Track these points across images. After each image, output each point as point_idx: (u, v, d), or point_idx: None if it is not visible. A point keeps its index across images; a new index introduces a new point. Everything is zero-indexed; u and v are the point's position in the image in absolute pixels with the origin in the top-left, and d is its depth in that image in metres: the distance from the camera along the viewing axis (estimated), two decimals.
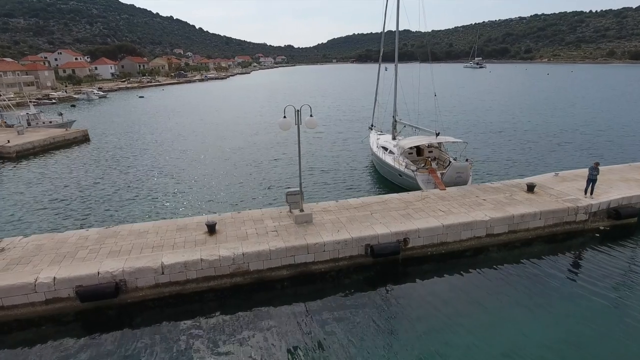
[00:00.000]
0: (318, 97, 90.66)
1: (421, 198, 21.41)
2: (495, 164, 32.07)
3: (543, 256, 18.38)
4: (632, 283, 16.16)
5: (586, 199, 20.83)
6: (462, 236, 18.54)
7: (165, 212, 23.17)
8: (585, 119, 53.42)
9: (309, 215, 18.16)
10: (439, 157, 27.40)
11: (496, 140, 41.05)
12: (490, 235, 19.01)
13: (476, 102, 74.06)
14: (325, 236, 16.77)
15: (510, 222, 19.21)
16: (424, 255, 18.05)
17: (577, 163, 31.49)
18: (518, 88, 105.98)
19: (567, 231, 20.24)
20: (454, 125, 43.68)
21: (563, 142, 39.91)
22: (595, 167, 20.95)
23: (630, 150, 37.08)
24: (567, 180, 23.90)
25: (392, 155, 27.69)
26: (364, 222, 18.26)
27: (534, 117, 55.28)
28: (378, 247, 16.93)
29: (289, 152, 37.02)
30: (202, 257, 15.13)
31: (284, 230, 17.38)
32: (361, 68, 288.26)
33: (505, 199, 21.11)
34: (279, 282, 16.04)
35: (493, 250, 18.85)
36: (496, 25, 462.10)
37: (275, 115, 61.40)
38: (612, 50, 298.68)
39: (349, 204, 20.52)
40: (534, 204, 20.31)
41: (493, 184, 23.97)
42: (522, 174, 28.29)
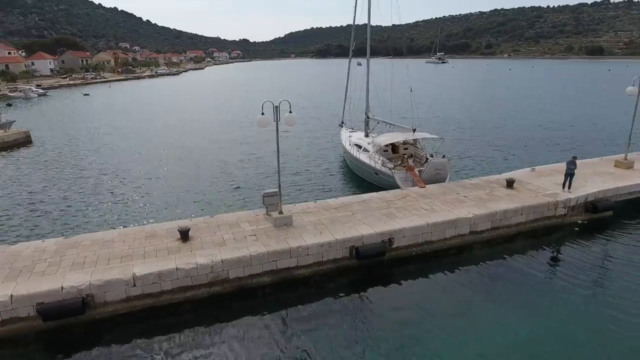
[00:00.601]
0: (279, 94, 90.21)
1: (402, 197, 21.62)
2: (471, 160, 32.90)
3: (525, 252, 18.96)
4: (610, 275, 16.91)
5: (565, 193, 21.68)
6: (446, 234, 18.86)
7: (129, 218, 22.34)
8: (553, 114, 55.86)
9: (288, 217, 17.95)
10: (415, 154, 27.80)
11: (470, 136, 42.19)
12: (474, 232, 19.43)
13: (445, 98, 75.93)
14: (308, 239, 16.62)
15: (493, 219, 19.71)
16: (408, 256, 18.22)
17: (551, 158, 32.72)
18: (484, 84, 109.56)
19: (547, 226, 20.99)
20: (426, 122, 44.48)
21: (535, 138, 41.47)
22: (572, 162, 21.84)
23: (600, 144, 39.06)
24: (544, 175, 24.79)
25: (366, 153, 27.86)
26: (346, 223, 18.24)
27: (504, 113, 57.31)
28: (363, 248, 16.94)
29: (257, 152, 36.59)
30: (177, 266, 14.64)
31: (263, 234, 17.10)
32: (322, 63, 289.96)
33: (486, 196, 21.65)
34: (260, 290, 15.76)
35: (476, 248, 19.29)
36: (457, 20, 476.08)
37: (235, 114, 60.63)
38: (569, 45, 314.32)
39: (328, 205, 20.46)
40: (515, 200, 20.93)
41: (472, 180, 24.56)
42: (499, 170, 29.19)
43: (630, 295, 15.43)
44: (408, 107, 44.22)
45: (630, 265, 17.46)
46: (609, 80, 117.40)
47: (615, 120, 51.12)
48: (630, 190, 22.92)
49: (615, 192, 22.45)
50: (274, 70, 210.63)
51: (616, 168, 25.71)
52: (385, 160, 25.95)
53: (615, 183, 23.00)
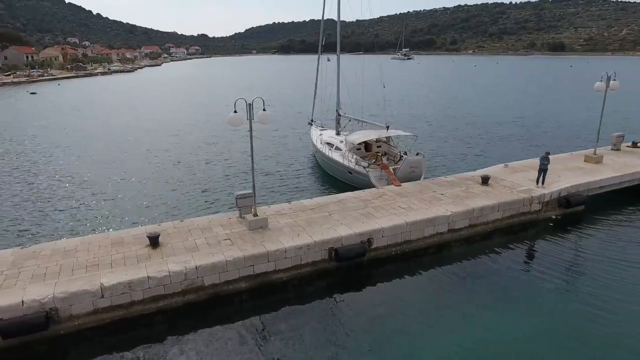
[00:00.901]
0: (243, 92, 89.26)
1: (379, 195, 21.78)
2: (444, 158, 33.59)
3: (502, 249, 19.49)
4: (586, 271, 17.50)
5: (539, 189, 22.38)
6: (425, 233, 19.13)
7: (92, 225, 21.61)
8: (521, 111, 57.75)
9: (264, 219, 17.77)
10: (388, 152, 28.09)
11: (442, 133, 43.08)
12: (452, 230, 19.80)
13: (414, 95, 77.25)
14: (286, 242, 16.50)
15: (470, 216, 20.13)
16: (387, 256, 18.37)
17: (523, 154, 33.82)
18: (451, 80, 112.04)
19: (523, 222, 21.62)
20: (397, 119, 45.21)
21: (506, 134, 42.79)
22: (545, 157, 22.57)
23: (567, 139, 40.64)
24: (517, 172, 25.52)
25: (339, 151, 27.99)
26: (324, 224, 18.22)
27: (474, 110, 58.84)
28: (342, 250, 16.96)
29: (224, 153, 36.13)
30: (148, 275, 14.23)
31: (238, 238, 16.87)
32: (285, 60, 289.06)
33: (463, 193, 22.08)
34: (236, 296, 15.54)
35: (455, 246, 19.67)
36: (421, 15, 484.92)
37: (198, 113, 59.63)
38: (532, 42, 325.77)
39: (303, 206, 20.39)
40: (491, 196, 21.44)
41: (447, 177, 25.02)
42: (473, 167, 29.84)
43: (605, 291, 16.03)
44: (379, 104, 44.76)
45: (604, 261, 18.17)
46: (571, 76, 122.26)
47: (580, 116, 53.33)
48: (601, 185, 23.87)
49: (587, 186, 23.35)
50: (235, 67, 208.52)
51: (586, 163, 26.74)
52: (359, 158, 26.10)
53: (586, 178, 23.91)
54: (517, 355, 13.03)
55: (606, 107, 26.33)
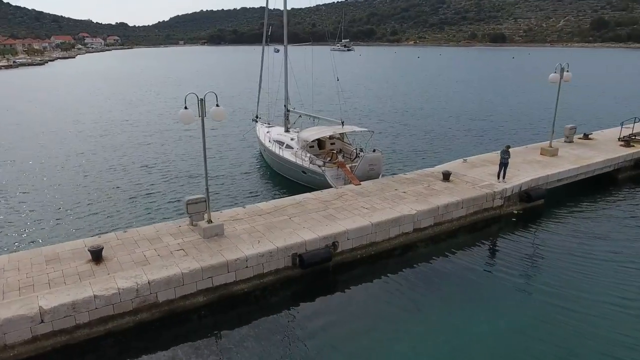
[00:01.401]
0: (172, 87, 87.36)
1: (338, 196, 21.94)
2: (400, 154, 34.51)
3: (467, 247, 20.27)
4: (549, 265, 18.43)
5: (500, 184, 23.40)
6: (390, 233, 19.50)
7: (19, 240, 20.34)
8: (473, 104, 60.45)
9: (219, 226, 17.43)
10: (343, 149, 28.34)
11: (396, 129, 44.13)
12: (418, 229, 20.31)
13: (361, 89, 78.38)
14: (246, 249, 16.26)
15: (435, 214, 20.73)
16: (353, 259, 18.61)
17: (481, 148, 35.32)
18: (397, 73, 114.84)
19: (486, 218, 22.58)
20: (346, 114, 45.42)
21: (460, 128, 44.51)
22: (506, 151, 23.63)
23: (522, 132, 42.90)
24: (476, 166, 26.56)
25: (290, 150, 28.02)
26: (285, 228, 18.12)
27: (426, 104, 60.82)
28: (307, 255, 16.95)
29: (162, 155, 35.12)
30: (95, 293, 13.53)
31: (193, 247, 16.42)
32: (217, 51, 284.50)
33: (425, 190, 22.69)
34: (194, 312, 15.14)
35: (421, 246, 20.23)
36: (360, 4, 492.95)
37: (126, 111, 57.49)
38: (473, 32, 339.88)
39: (259, 209, 20.19)
40: (454, 193, 22.18)
41: (407, 174, 25.63)
42: (431, 162, 30.83)
43: (569, 284, 17.02)
44: (333, 98, 45.20)
45: (567, 255, 19.26)
46: (515, 68, 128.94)
47: (531, 109, 56.46)
48: (559, 178, 25.33)
49: (545, 180, 24.70)
50: (161, 60, 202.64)
51: (542, 156, 28.27)
52: (314, 157, 26.19)
53: (545, 171, 25.29)
54: (490, 355, 13.58)
55: (561, 98, 27.94)
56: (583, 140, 32.23)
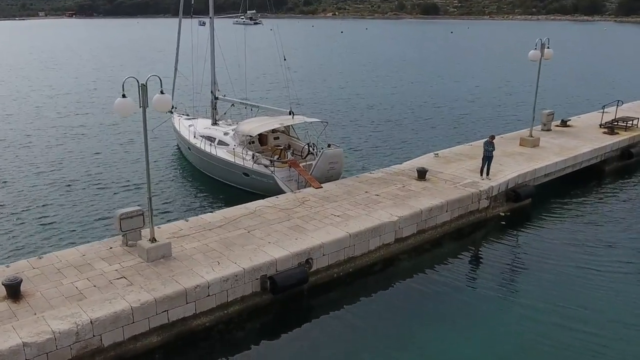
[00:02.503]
0: (42, 71, 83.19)
1: (300, 202, 22.11)
2: (359, 150, 35.44)
3: (453, 258, 21.34)
4: (542, 276, 19.70)
5: (485, 182, 24.63)
6: (370, 246, 20.04)
7: None
8: (428, 89, 62.79)
9: (166, 246, 17.05)
10: (292, 145, 28.48)
11: (348, 119, 45.12)
12: (400, 239, 21.01)
13: (290, 71, 78.69)
14: (205, 273, 16.04)
15: (418, 220, 21.53)
16: (329, 279, 19.00)
17: (450, 140, 36.92)
18: (323, 52, 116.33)
19: (472, 222, 23.80)
20: (277, 102, 45.71)
21: (423, 117, 46.27)
22: (490, 142, 24.92)
23: (492, 120, 45.39)
24: (452, 161, 27.81)
25: (225, 147, 27.94)
26: (246, 244, 18.07)
27: (377, 89, 62.38)
28: (280, 277, 17.00)
29: (58, 158, 33.62)
30: (23, 340, 12.73)
31: (136, 274, 15.92)
32: (92, 25, 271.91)
33: (401, 191, 23.43)
34: (147, 356, 14.76)
35: (403, 259, 21.08)
36: None
37: None
38: (401, 3, 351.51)
39: (206, 222, 19.99)
40: (435, 194, 23.10)
41: (373, 173, 26.38)
42: (397, 158, 31.99)
43: (570, 299, 17.95)
44: (276, 82, 44.75)
45: (563, 263, 20.49)
46: (459, 45, 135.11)
47: (495, 92, 59.67)
48: (547, 172, 27.11)
49: (533, 175, 26.35)
50: (17, 36, 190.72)
51: (522, 147, 30.11)
52: (258, 155, 26.15)
53: (530, 165, 26.95)
54: None
55: (525, 80, 29.94)
56: (562, 128, 34.62)
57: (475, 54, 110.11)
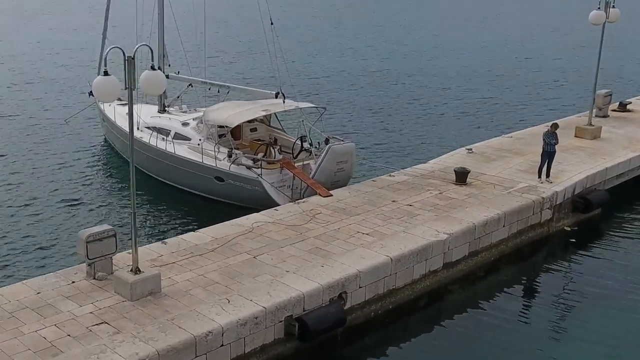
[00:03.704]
0: None
1: (310, 216, 22.29)
2: (368, 144, 35.64)
3: (512, 286, 22.08)
4: (615, 307, 20.42)
5: (545, 185, 25.27)
6: (414, 274, 20.32)
7: None
8: (446, 62, 63.78)
9: (155, 278, 16.88)
10: (278, 140, 28.73)
11: (351, 104, 45.60)
12: (449, 265, 21.47)
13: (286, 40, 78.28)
14: (216, 315, 15.92)
15: (470, 239, 22.00)
16: (366, 319, 19.15)
17: (483, 131, 37.79)
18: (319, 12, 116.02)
19: (532, 240, 24.62)
20: (261, 79, 45.53)
21: (445, 102, 47.01)
22: (552, 133, 25.59)
23: (533, 104, 46.31)
24: (492, 159, 28.67)
25: (186, 142, 27.92)
26: (257, 275, 18.03)
27: (381, 63, 63.00)
28: (312, 318, 17.00)
29: None
30: None
31: (120, 317, 15.68)
32: None
33: (439, 200, 23.95)
34: None
35: (453, 290, 21.67)
36: None
37: None
38: None
39: (191, 245, 19.99)
40: (485, 204, 23.72)
41: (394, 175, 26.94)
42: (419, 155, 32.58)
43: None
44: (260, 54, 43.77)
45: None
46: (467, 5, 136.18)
47: (528, 67, 60.64)
48: (620, 172, 27.94)
49: (603, 176, 27.16)
50: None
51: (580, 139, 31.03)
52: (238, 153, 26.14)
53: (598, 163, 27.79)
54: None
55: (569, 53, 30.86)
56: (620, 113, 35.90)
57: (493, 14, 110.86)
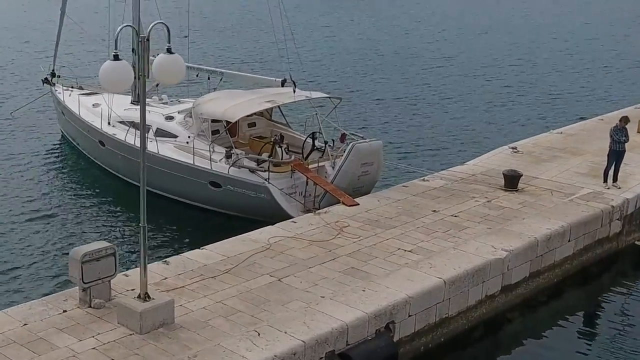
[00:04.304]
0: None
1: (337, 229, 22.22)
2: (392, 142, 35.75)
3: (578, 314, 22.28)
4: None
5: (613, 192, 25.38)
6: (469, 300, 20.19)
7: None
8: (484, 49, 65.02)
9: (168, 306, 16.66)
10: (284, 137, 28.32)
11: (368, 95, 46.08)
12: (508, 288, 21.36)
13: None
14: (246, 351, 15.74)
15: (531, 257, 21.95)
16: (415, 354, 19.09)
17: (526, 126, 38.41)
18: None
19: (599, 258, 24.59)
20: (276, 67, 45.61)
21: (479, 92, 47.94)
22: (622, 128, 25.64)
23: (584, 96, 46.83)
24: (544, 159, 28.98)
25: (171, 140, 28.14)
26: (286, 301, 17.77)
27: (403, 48, 63.95)
28: (359, 354, 16.83)
29: None
30: None
31: (132, 354, 15.21)
32: None
33: (489, 209, 24.14)
34: None
35: (512, 319, 21.67)
36: None
37: None
38: None
39: (199, 264, 19.99)
40: (545, 214, 23.75)
41: (428, 180, 26.98)
42: (452, 155, 33.04)
43: None
44: (261, 33, 43.51)
45: None
46: None
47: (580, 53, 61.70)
48: None
49: None
50: None
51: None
52: (239, 153, 26.23)
53: None
54: None
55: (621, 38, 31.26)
56: None
57: None
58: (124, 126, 29.36)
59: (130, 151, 28.43)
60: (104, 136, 29.88)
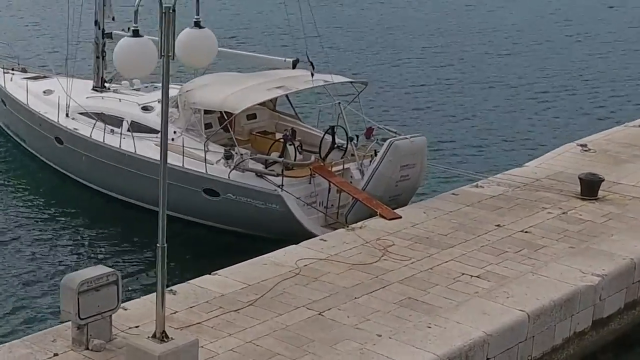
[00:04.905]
0: None
1: (381, 249, 21.92)
2: (431, 139, 35.37)
3: None
4: None
5: None
6: (556, 338, 19.80)
7: None
8: (538, 29, 65.28)
9: (191, 347, 16.09)
10: (297, 133, 28.66)
11: (397, 81, 46.90)
12: (599, 322, 20.93)
13: None
14: None
15: (627, 283, 21.59)
16: None
17: (592, 119, 38.89)
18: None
19: None
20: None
21: (534, 78, 48.39)
22: None
23: None
24: (623, 159, 29.19)
25: (152, 137, 27.82)
26: (335, 341, 17.36)
27: (447, 33, 63.65)
28: None
29: None
30: None
31: None
32: None
33: (566, 222, 23.99)
34: None
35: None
36: None
37: None
38: None
39: (215, 294, 19.70)
40: (635, 228, 23.34)
41: (482, 186, 26.81)
42: (505, 155, 33.08)
43: None
44: None
45: None
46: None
47: None
48: None
49: None
50: None
51: None
52: (244, 152, 26.18)
53: None
54: None
55: None
56: None
57: None
58: (88, 118, 29.50)
59: (95, 150, 28.45)
60: (61, 131, 29.48)
